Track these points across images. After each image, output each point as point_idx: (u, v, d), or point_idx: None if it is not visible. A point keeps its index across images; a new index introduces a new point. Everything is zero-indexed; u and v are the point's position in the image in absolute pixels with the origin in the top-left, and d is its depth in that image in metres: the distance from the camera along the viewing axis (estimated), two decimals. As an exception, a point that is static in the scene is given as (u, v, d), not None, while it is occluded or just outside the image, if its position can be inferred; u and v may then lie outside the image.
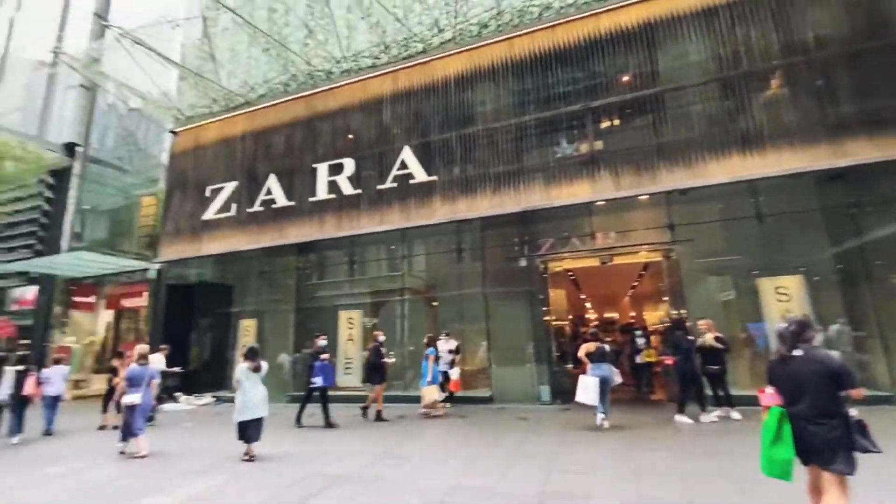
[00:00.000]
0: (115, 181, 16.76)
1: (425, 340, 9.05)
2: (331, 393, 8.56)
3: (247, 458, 6.01)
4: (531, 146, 9.25)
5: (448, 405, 9.37)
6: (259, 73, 12.62)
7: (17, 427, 7.92)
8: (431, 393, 8.40)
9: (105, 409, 8.90)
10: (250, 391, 6.10)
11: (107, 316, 15.71)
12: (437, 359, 8.74)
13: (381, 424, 8.16)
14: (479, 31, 9.96)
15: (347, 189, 10.76)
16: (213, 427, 8.85)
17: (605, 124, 8.99)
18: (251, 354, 6.38)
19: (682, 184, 7.96)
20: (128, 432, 6.51)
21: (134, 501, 4.62)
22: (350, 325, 11.70)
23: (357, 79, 11.21)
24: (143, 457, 6.32)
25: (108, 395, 8.80)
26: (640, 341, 9.50)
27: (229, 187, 12.17)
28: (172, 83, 13.98)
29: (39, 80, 20.38)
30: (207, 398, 11.80)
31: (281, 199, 11.44)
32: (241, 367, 6.27)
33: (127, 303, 14.82)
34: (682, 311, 9.05)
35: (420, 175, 9.95)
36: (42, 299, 15.40)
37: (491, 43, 9.75)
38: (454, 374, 9.34)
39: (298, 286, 12.55)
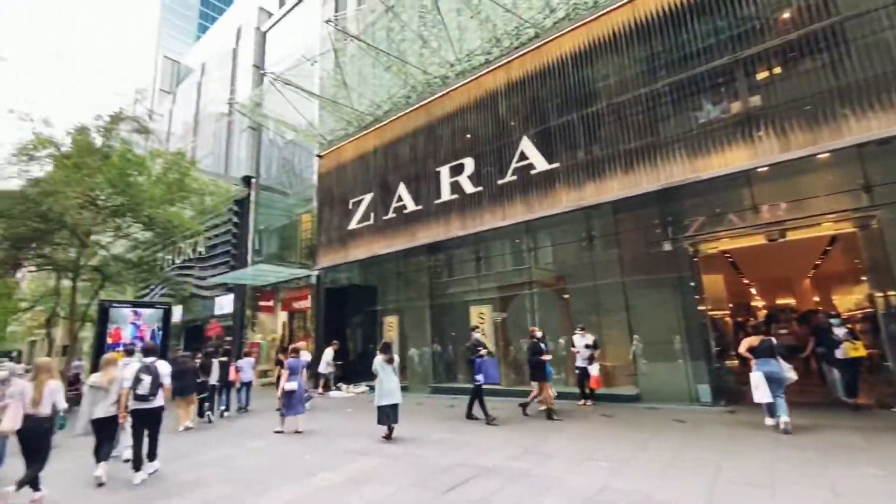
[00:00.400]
0: (279, 204, 19.90)
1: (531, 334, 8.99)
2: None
3: (386, 437, 6.90)
4: (667, 115, 8.23)
5: (590, 402, 8.92)
6: (383, 91, 13.68)
7: (226, 405, 10.03)
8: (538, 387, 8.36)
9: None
10: (385, 380, 6.96)
11: (283, 316, 18.75)
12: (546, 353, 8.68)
13: (546, 422, 7.70)
14: (596, 1, 9.22)
15: (469, 188, 10.99)
16: (370, 412, 9.88)
17: (761, 75, 7.52)
18: (384, 349, 7.23)
19: (881, 132, 6.23)
20: (287, 413, 7.78)
21: (312, 475, 5.39)
22: (480, 319, 11.94)
23: (471, 78, 11.37)
24: (299, 433, 7.52)
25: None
26: (840, 332, 7.58)
27: (367, 198, 13.46)
28: (315, 113, 16.05)
29: (221, 128, 25.33)
30: (363, 387, 13.25)
31: (410, 205, 12.23)
32: (377, 360, 7.15)
33: (296, 305, 17.48)
34: (890, 293, 7.09)
35: (540, 164, 9.65)
36: (237, 305, 19.13)
37: (611, 10, 8.95)
38: (594, 370, 8.83)
39: (431, 284, 13.26)
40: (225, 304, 19.77)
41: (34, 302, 19.50)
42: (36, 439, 4.85)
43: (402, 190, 12.50)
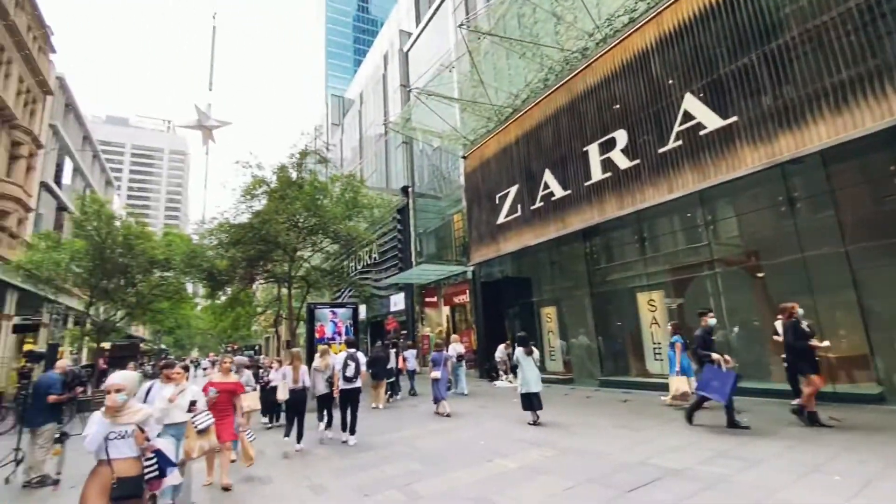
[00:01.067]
0: (433, 207, 21.46)
1: (669, 328, 8.58)
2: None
3: (533, 421, 7.34)
4: (894, 27, 6.16)
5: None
6: (520, 80, 13.53)
7: (397, 390, 11.45)
8: (678, 383, 7.94)
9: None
10: (527, 370, 7.41)
11: (446, 311, 20.17)
12: (685, 347, 7.93)
13: (811, 429, 5.92)
14: None
15: (623, 163, 10.06)
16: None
17: None
18: (522, 341, 7.61)
19: None
20: (436, 399, 9.01)
21: (488, 461, 5.64)
22: (651, 307, 10.80)
23: (615, 43, 10.39)
24: (447, 415, 8.65)
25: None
26: None
27: (513, 191, 13.50)
28: (457, 116, 16.79)
29: (380, 147, 28.50)
30: (526, 379, 13.36)
31: (558, 191, 11.81)
32: (517, 352, 7.64)
33: (457, 299, 18.60)
34: None
35: (712, 122, 8.24)
36: (407, 302, 21.31)
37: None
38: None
39: (589, 271, 12.57)
40: (398, 302, 22.25)
41: (265, 307, 25.12)
42: (297, 406, 6.93)
43: (548, 177, 12.15)
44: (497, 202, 14.17)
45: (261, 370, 10.35)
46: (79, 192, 27.20)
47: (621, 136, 10.19)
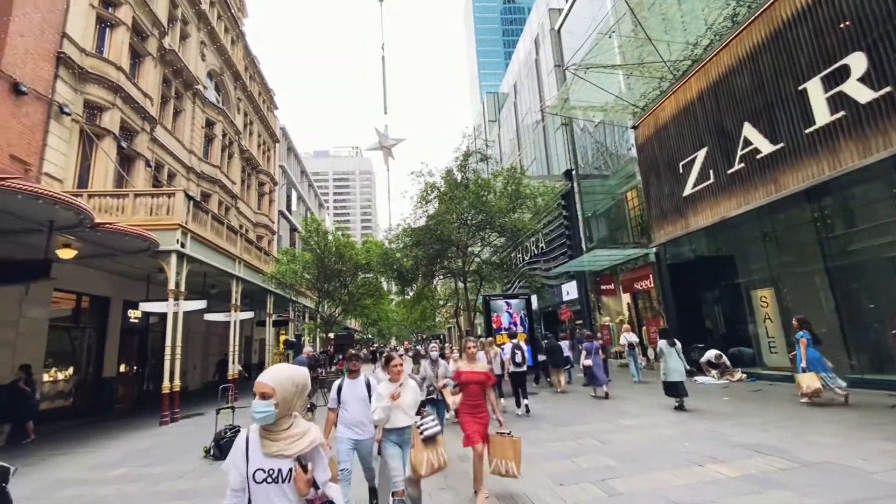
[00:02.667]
0: (601, 188, 20.03)
1: (794, 322, 8.15)
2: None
3: (677, 405, 8.09)
4: None
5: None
6: (698, 25, 11.52)
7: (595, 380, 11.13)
8: (806, 380, 7.59)
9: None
10: (670, 360, 8.23)
11: (626, 298, 18.62)
12: (812, 342, 7.66)
13: None
14: None
15: (863, 95, 7.62)
16: (755, 405, 8.28)
17: None
18: (664, 334, 8.62)
19: None
20: (588, 383, 10.57)
21: (697, 464, 4.97)
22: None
23: (837, -60, 7.92)
24: (605, 397, 9.93)
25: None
26: None
27: (700, 155, 11.59)
28: (622, 85, 15.27)
29: (538, 135, 27.98)
30: (738, 374, 11.30)
31: (765, 146, 9.64)
32: (660, 343, 8.52)
33: (637, 285, 16.98)
34: None
35: None
36: (580, 290, 20.43)
37: None
38: None
39: (820, 241, 9.92)
40: (570, 291, 21.53)
41: (445, 300, 27.46)
42: (518, 380, 9.02)
43: (749, 131, 10.03)
44: (681, 171, 12.36)
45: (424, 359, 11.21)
46: (302, 215, 34.38)
47: (857, 61, 7.71)
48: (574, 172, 21.18)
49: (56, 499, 5.53)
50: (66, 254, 8.85)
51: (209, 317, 14.73)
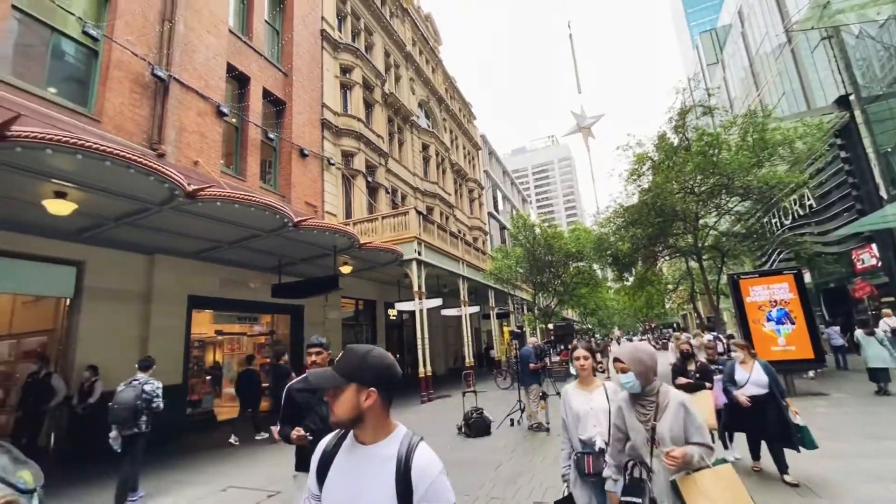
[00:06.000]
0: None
1: None
2: None
3: (877, 390, 8.51)
4: None
5: None
6: None
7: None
8: None
9: None
10: (867, 349, 8.93)
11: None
12: None
13: None
14: None
15: None
16: None
17: None
18: (862, 324, 9.29)
19: None
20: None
21: None
22: None
23: None
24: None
25: None
26: None
27: None
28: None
29: (784, 59, 21.80)
30: None
31: None
32: (858, 333, 9.24)
33: None
34: None
35: None
36: (886, 255, 14.81)
37: None
38: None
39: None
40: (865, 259, 15.87)
41: (676, 283, 24.12)
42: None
43: None
44: None
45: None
46: (509, 213, 36.02)
47: None
48: (852, 97, 15.58)
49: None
50: (345, 269, 11.61)
51: (445, 312, 16.90)
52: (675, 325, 40.08)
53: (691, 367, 5.53)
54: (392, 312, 18.28)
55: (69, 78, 8.92)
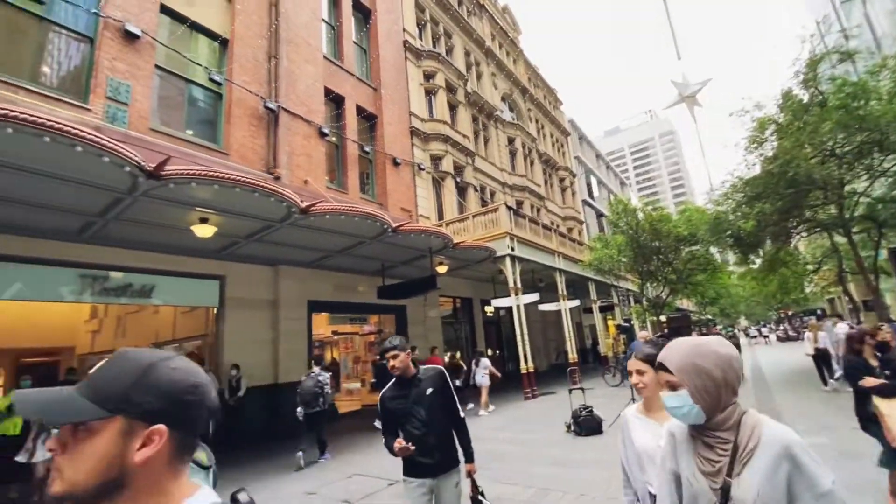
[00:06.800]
0: None
1: None
2: None
3: None
4: None
5: None
6: None
7: None
8: None
9: None
10: None
11: None
12: None
13: None
14: None
15: None
16: None
17: None
18: None
19: None
20: None
21: None
22: None
23: None
24: None
25: None
26: None
27: None
28: None
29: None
30: None
31: None
32: None
33: None
34: None
35: None
36: None
37: None
38: None
39: None
40: None
41: (818, 262, 20.55)
42: None
43: None
44: None
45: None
46: (606, 199, 33.94)
47: None
48: None
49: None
50: (441, 269, 11.96)
51: (543, 307, 16.51)
52: (819, 313, 34.22)
53: (873, 361, 3.92)
54: (489, 309, 18.38)
55: (202, 120, 10.52)
